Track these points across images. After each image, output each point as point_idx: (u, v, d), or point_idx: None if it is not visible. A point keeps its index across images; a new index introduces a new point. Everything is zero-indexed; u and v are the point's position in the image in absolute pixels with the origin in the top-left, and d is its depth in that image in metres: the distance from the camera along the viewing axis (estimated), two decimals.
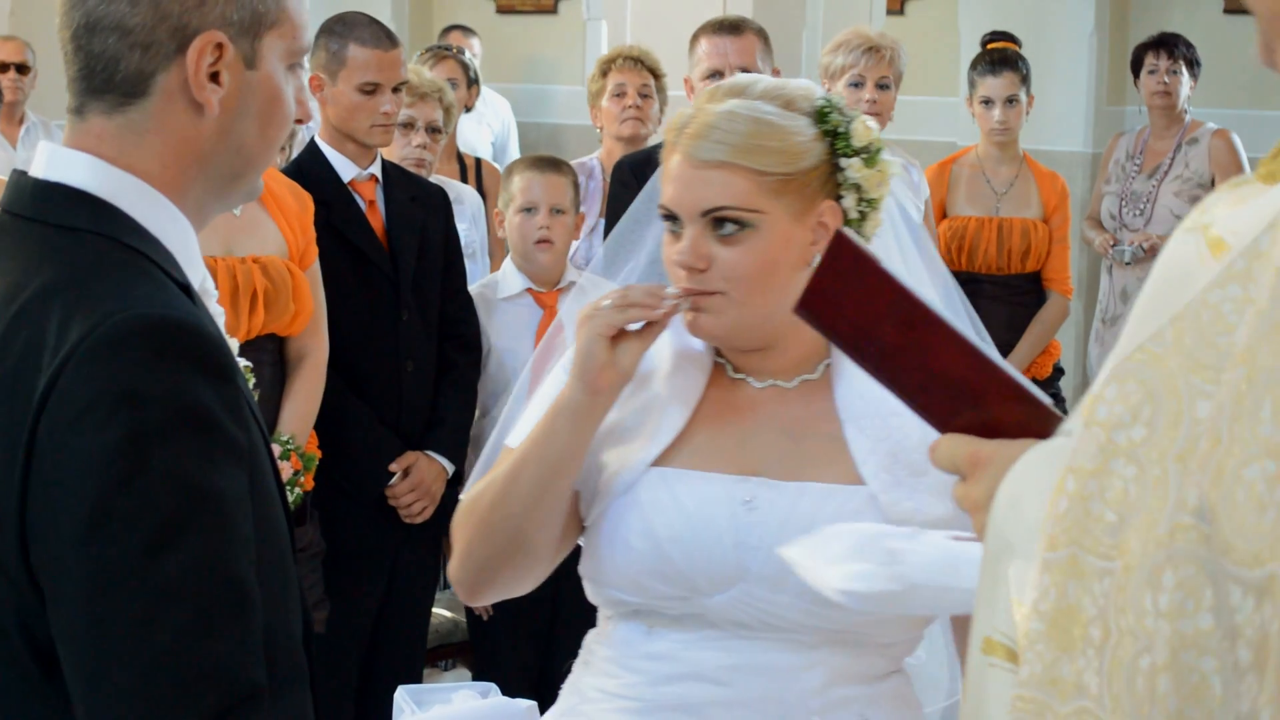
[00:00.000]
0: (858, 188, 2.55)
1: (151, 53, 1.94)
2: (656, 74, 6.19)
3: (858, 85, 5.63)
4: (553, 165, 5.30)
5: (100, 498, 1.77)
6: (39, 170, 1.97)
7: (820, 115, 2.54)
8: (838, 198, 2.55)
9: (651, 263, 2.78)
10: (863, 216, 2.58)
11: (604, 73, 6.18)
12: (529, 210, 5.15)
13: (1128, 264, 7.47)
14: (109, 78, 1.95)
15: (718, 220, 2.49)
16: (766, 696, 2.50)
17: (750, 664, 2.51)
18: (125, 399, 1.78)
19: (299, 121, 2.10)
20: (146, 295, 1.86)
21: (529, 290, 5.20)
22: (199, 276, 2.01)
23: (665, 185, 2.55)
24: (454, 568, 2.64)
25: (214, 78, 1.95)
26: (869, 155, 2.55)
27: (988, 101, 6.62)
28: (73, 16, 1.96)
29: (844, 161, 2.54)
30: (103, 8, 1.94)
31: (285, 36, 2.01)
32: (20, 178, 1.99)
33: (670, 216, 2.54)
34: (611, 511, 2.56)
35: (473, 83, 7.58)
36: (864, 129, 2.56)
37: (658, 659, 2.55)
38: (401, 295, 4.92)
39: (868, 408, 2.54)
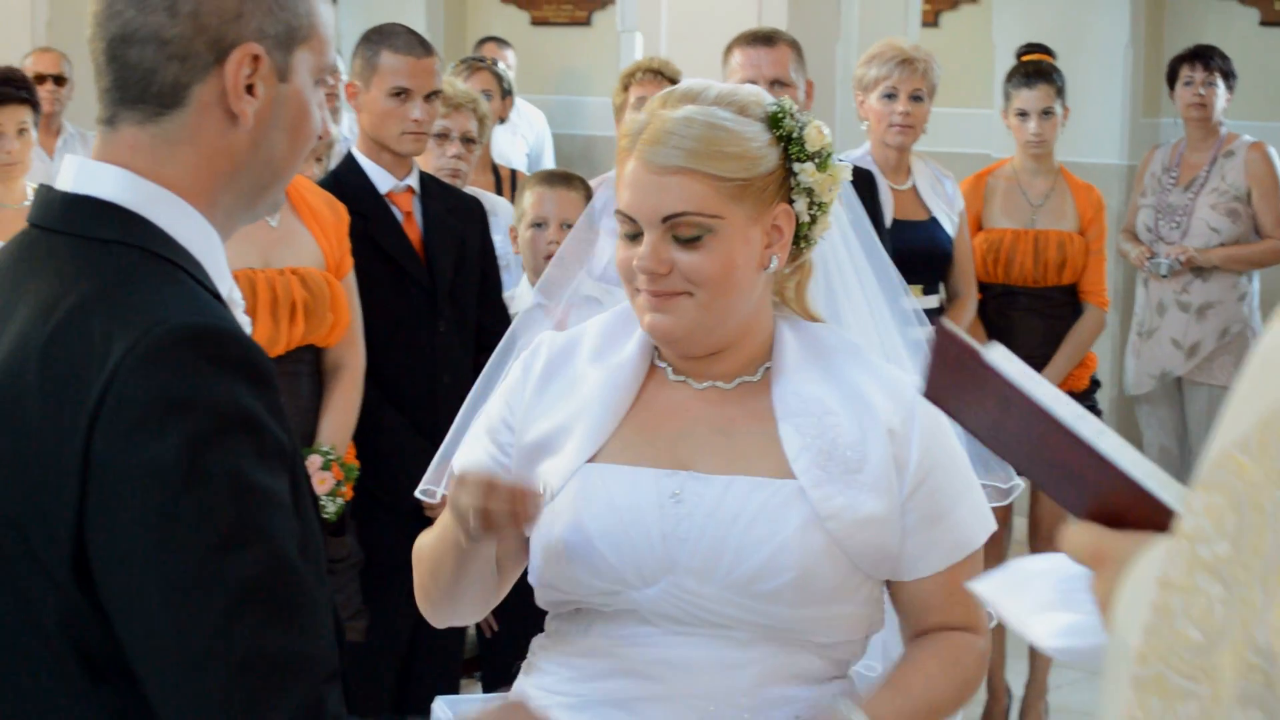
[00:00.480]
0: (810, 191, 2.59)
1: (189, 64, 1.96)
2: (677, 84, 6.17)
3: (891, 97, 5.63)
4: (563, 180, 5.30)
5: (165, 505, 1.79)
6: (66, 183, 1.99)
7: (774, 120, 2.58)
8: (790, 201, 2.59)
9: None
10: (813, 220, 2.62)
11: (625, 87, 6.18)
12: (539, 225, 5.17)
13: (1164, 277, 7.45)
14: (144, 89, 1.97)
15: (677, 225, 2.52)
16: (697, 693, 2.52)
17: (682, 659, 2.53)
18: (177, 406, 1.80)
19: (319, 137, 2.12)
20: (184, 304, 1.89)
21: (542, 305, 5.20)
22: (226, 286, 2.03)
23: (622, 191, 2.57)
24: (417, 600, 2.77)
25: (249, 89, 1.98)
26: (821, 160, 2.59)
27: (1023, 114, 6.60)
28: (108, 28, 1.98)
29: (797, 166, 2.58)
30: (140, 19, 1.95)
31: (315, 51, 2.04)
32: (48, 192, 2.01)
33: (628, 222, 2.56)
34: (547, 513, 2.58)
35: (506, 94, 7.59)
36: (817, 134, 2.60)
37: (591, 655, 2.59)
38: (438, 307, 4.93)
39: (804, 406, 2.58)
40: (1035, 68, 6.68)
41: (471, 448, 2.74)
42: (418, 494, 3.02)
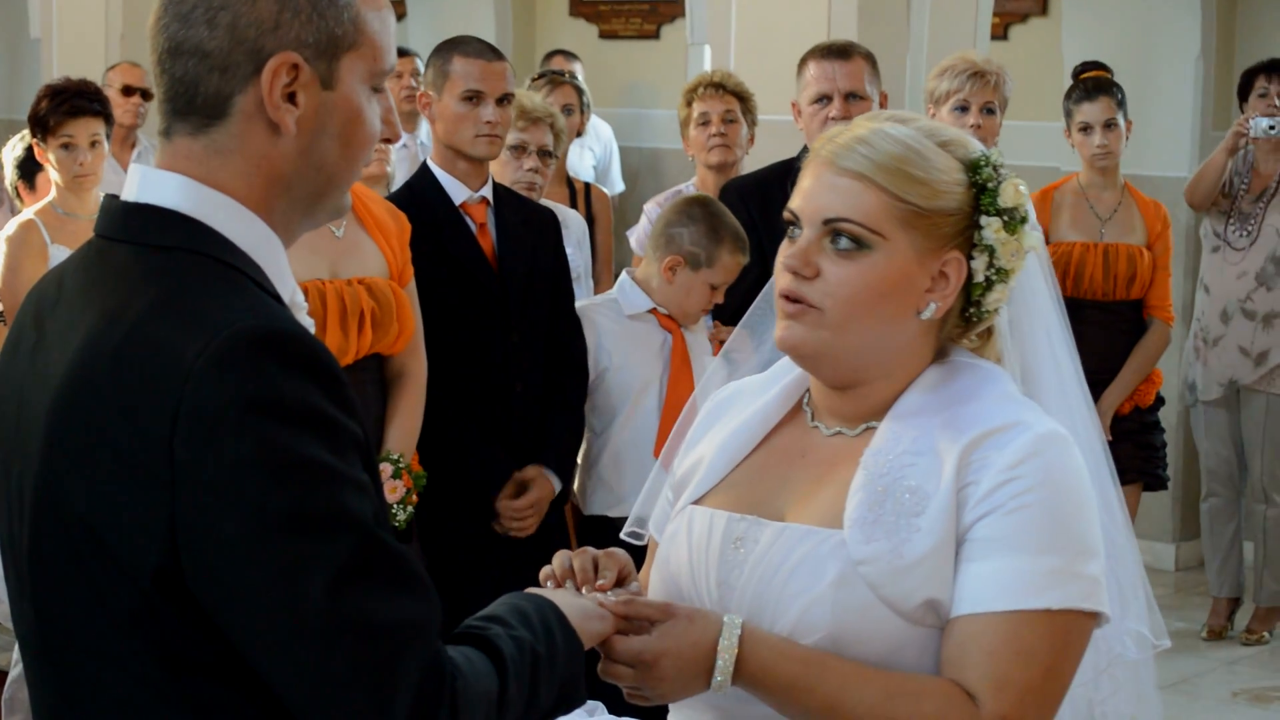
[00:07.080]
0: (991, 251, 2.44)
1: (229, 75, 1.99)
2: (742, 97, 6.18)
3: (963, 110, 5.63)
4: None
5: (255, 500, 1.84)
6: (130, 193, 2.03)
7: (973, 166, 2.44)
8: (969, 255, 2.44)
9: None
10: (988, 284, 2.46)
11: (689, 101, 6.21)
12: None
13: (1271, 131, 7.26)
14: (191, 100, 2.01)
15: (836, 233, 2.40)
16: None
17: (748, 713, 2.41)
18: (251, 407, 1.85)
19: (387, 141, 2.14)
20: (249, 309, 1.92)
21: (654, 311, 5.20)
22: (289, 289, 2.07)
23: (797, 192, 2.47)
24: None
25: (291, 99, 2.01)
26: (1011, 220, 2.44)
27: (1086, 128, 6.63)
28: (158, 42, 2.03)
29: (984, 219, 2.43)
30: (184, 32, 2.00)
31: (365, 58, 2.05)
32: (111, 202, 2.06)
33: (793, 221, 2.45)
34: (657, 552, 2.60)
35: (586, 108, 7.64)
36: (1014, 191, 2.44)
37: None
38: (510, 317, 4.96)
39: (889, 446, 2.41)
40: (1095, 82, 6.73)
41: (658, 497, 2.74)
42: (623, 536, 2.96)
